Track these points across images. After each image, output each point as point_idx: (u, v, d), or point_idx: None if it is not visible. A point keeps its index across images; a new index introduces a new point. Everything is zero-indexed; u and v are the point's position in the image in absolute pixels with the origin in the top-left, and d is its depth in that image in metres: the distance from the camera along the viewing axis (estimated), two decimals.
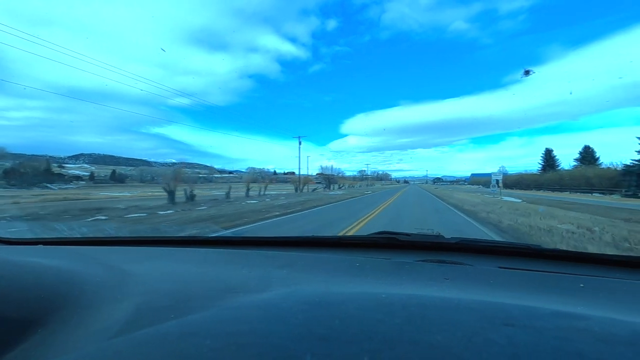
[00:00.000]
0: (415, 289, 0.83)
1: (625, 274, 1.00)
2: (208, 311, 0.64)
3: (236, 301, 0.69)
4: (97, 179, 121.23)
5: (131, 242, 1.53)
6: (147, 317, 0.63)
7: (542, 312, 0.60)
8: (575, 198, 31.53)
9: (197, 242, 1.66)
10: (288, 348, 0.47)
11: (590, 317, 0.58)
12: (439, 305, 0.63)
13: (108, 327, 0.59)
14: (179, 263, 1.11)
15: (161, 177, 23.80)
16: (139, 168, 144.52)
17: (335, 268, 1.04)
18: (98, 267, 0.93)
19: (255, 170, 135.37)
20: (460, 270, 1.00)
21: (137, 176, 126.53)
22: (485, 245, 1.28)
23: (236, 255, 1.24)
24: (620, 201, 27.94)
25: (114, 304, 0.70)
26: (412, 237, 1.31)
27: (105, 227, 8.26)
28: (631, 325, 0.56)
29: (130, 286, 0.79)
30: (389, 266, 1.06)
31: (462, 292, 0.79)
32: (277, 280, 0.85)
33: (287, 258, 1.13)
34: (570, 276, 0.94)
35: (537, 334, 0.50)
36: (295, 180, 38.21)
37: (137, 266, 1.00)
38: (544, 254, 1.18)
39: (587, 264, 1.10)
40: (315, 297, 0.69)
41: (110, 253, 1.24)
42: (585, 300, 0.75)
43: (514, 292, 0.80)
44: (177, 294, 0.74)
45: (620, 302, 0.75)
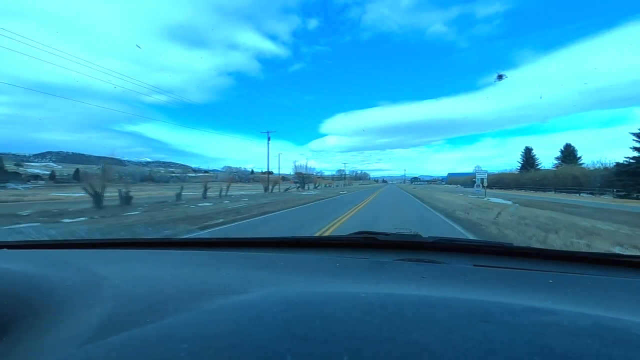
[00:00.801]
0: (393, 288, 0.84)
1: (590, 270, 1.06)
2: (185, 314, 0.61)
3: (214, 303, 0.67)
4: (59, 178, 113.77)
5: (104, 245, 1.53)
6: (121, 322, 0.60)
7: (515, 308, 0.62)
8: (565, 199, 29.27)
9: (173, 244, 1.62)
10: (267, 349, 0.46)
11: (559, 312, 0.60)
12: (416, 303, 0.64)
13: (79, 334, 0.56)
14: (155, 265, 1.08)
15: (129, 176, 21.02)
16: (104, 166, 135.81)
17: (315, 268, 1.04)
18: (68, 270, 0.89)
19: (232, 170, 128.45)
20: (437, 268, 1.03)
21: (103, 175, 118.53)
22: (461, 244, 1.32)
23: (214, 257, 1.22)
24: (618, 202, 25.63)
25: (86, 309, 0.66)
26: (390, 236, 1.33)
27: (77, 229, 7.62)
28: (595, 318, 0.58)
29: (103, 290, 0.76)
30: (369, 266, 1.06)
31: (439, 290, 0.80)
32: (256, 281, 0.85)
33: (267, 259, 1.13)
34: (541, 273, 0.97)
35: (512, 330, 0.51)
36: (264, 180, 34.64)
37: (110, 269, 0.95)
38: (516, 252, 1.23)
39: (556, 261, 1.16)
40: (295, 297, 0.68)
41: (82, 256, 1.19)
42: (554, 295, 0.77)
43: (489, 289, 0.83)
44: (153, 297, 0.71)
45: (585, 297, 0.78)
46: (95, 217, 11.04)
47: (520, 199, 23.06)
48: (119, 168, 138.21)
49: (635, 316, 0.65)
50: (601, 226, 8.97)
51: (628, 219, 12.15)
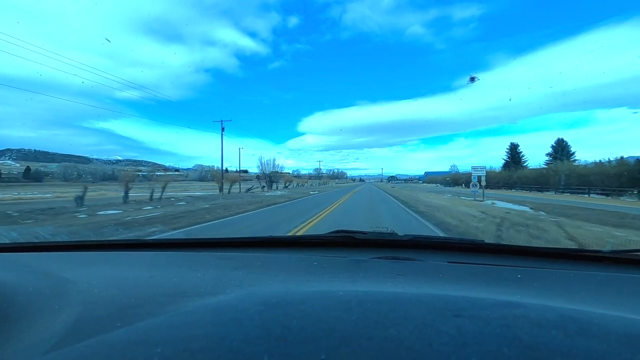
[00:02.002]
0: (370, 285, 0.85)
1: (555, 265, 1.09)
2: (158, 317, 0.60)
3: (189, 305, 0.66)
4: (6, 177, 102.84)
5: (70, 247, 1.45)
6: (89, 327, 0.58)
7: (486, 302, 0.65)
8: (583, 202, 21.81)
9: (145, 245, 1.57)
10: (244, 351, 0.46)
11: (527, 305, 0.63)
12: (392, 300, 0.65)
13: (43, 341, 0.54)
14: (125, 268, 1.06)
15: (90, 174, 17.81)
16: (62, 164, 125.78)
17: (293, 268, 1.03)
18: (32, 275, 0.87)
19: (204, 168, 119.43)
20: (413, 265, 1.04)
21: (60, 174, 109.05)
22: (435, 241, 1.34)
23: (189, 258, 1.18)
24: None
25: (51, 315, 0.64)
26: (368, 235, 1.33)
27: (40, 230, 6.91)
28: (560, 310, 0.61)
29: (70, 295, 0.74)
30: (346, 264, 1.06)
31: (414, 287, 0.83)
32: (232, 282, 0.84)
33: (244, 259, 1.11)
34: (510, 268, 1.01)
35: (483, 323, 0.53)
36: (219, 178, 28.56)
37: (77, 273, 0.93)
38: (488, 249, 1.27)
39: (524, 257, 1.18)
40: (273, 297, 0.68)
41: (47, 260, 1.15)
42: (522, 289, 0.80)
43: (462, 285, 0.85)
44: (123, 301, 0.70)
45: (550, 290, 0.81)
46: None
47: (535, 203, 18.02)
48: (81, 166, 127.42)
49: (597, 307, 0.68)
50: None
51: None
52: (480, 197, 19.01)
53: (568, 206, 16.71)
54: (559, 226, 8.14)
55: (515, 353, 0.45)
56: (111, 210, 13.23)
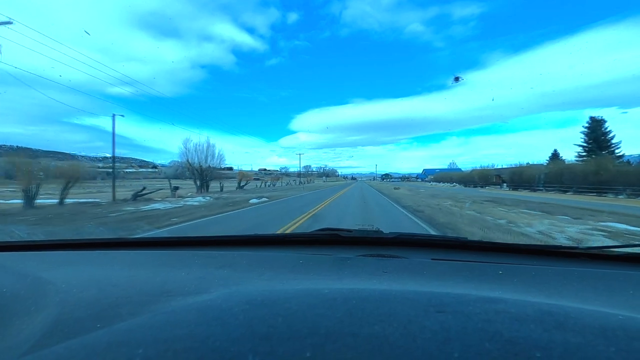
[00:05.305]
0: (356, 283, 0.85)
1: (534, 261, 1.11)
2: (140, 317, 0.59)
3: (172, 305, 0.65)
4: None
5: (48, 247, 1.39)
6: (68, 328, 0.56)
7: (469, 298, 0.65)
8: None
9: (125, 244, 1.51)
10: (229, 350, 0.45)
11: (507, 300, 0.65)
12: (377, 297, 0.66)
13: (19, 344, 0.53)
14: (106, 267, 1.03)
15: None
16: (2, 159, 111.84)
17: (278, 266, 1.02)
18: (6, 276, 0.86)
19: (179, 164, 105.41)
20: (398, 263, 1.04)
21: (1, 169, 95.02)
22: (419, 239, 1.33)
23: (172, 257, 1.16)
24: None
25: (27, 317, 0.62)
26: (353, 233, 1.34)
27: (15, 229, 6.56)
28: (538, 305, 0.63)
29: (48, 296, 0.72)
30: (332, 262, 1.05)
31: (399, 284, 0.82)
32: (217, 281, 0.82)
33: (228, 258, 1.09)
34: (492, 264, 1.01)
35: (466, 319, 0.55)
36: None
37: (55, 273, 0.91)
38: (470, 246, 1.27)
39: (505, 253, 1.19)
40: (258, 296, 0.67)
41: (22, 259, 1.12)
42: (503, 285, 0.82)
43: (445, 281, 0.86)
44: (105, 301, 0.68)
45: (530, 285, 0.82)
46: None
47: None
48: (35, 162, 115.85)
49: (574, 302, 0.69)
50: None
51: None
52: None
53: None
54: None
55: (496, 347, 0.46)
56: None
